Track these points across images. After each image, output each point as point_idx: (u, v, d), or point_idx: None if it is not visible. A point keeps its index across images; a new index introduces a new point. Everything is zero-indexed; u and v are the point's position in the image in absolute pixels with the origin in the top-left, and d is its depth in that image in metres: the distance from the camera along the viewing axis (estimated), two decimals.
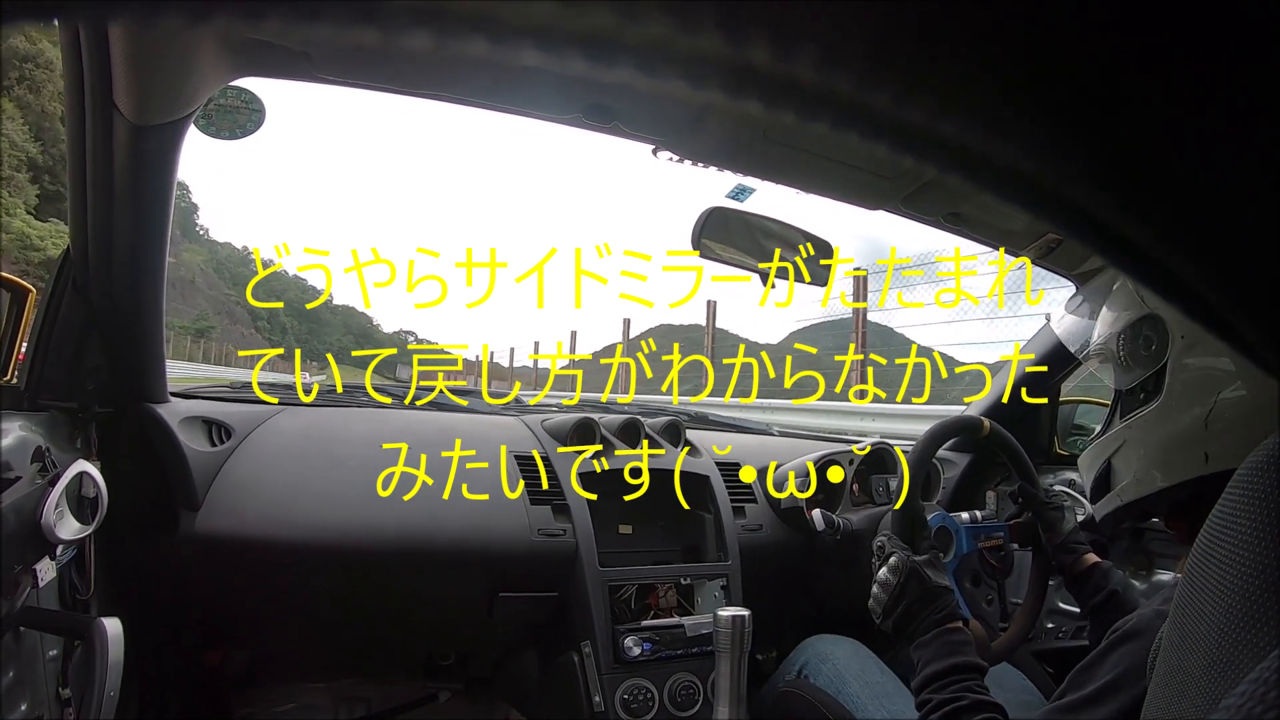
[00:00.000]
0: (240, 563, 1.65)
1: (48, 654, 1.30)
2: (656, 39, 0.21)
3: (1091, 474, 1.29)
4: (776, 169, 1.49)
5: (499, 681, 2.24)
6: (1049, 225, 0.28)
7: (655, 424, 2.13)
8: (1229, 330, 0.29)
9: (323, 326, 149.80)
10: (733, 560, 1.97)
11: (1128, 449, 1.19)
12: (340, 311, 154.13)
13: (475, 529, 1.76)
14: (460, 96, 1.28)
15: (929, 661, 1.28)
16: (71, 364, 1.43)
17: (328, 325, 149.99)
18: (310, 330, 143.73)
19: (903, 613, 1.38)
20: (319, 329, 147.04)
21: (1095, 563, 1.62)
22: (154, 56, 1.04)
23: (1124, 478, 1.20)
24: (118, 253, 1.34)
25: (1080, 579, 1.63)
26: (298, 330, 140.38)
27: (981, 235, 1.79)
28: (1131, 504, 1.19)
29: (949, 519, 1.67)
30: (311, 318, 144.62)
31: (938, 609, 1.35)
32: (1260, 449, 0.50)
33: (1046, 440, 2.34)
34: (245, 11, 0.22)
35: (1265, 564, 0.46)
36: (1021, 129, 0.23)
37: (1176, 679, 0.53)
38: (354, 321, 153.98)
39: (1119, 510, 1.22)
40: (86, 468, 1.33)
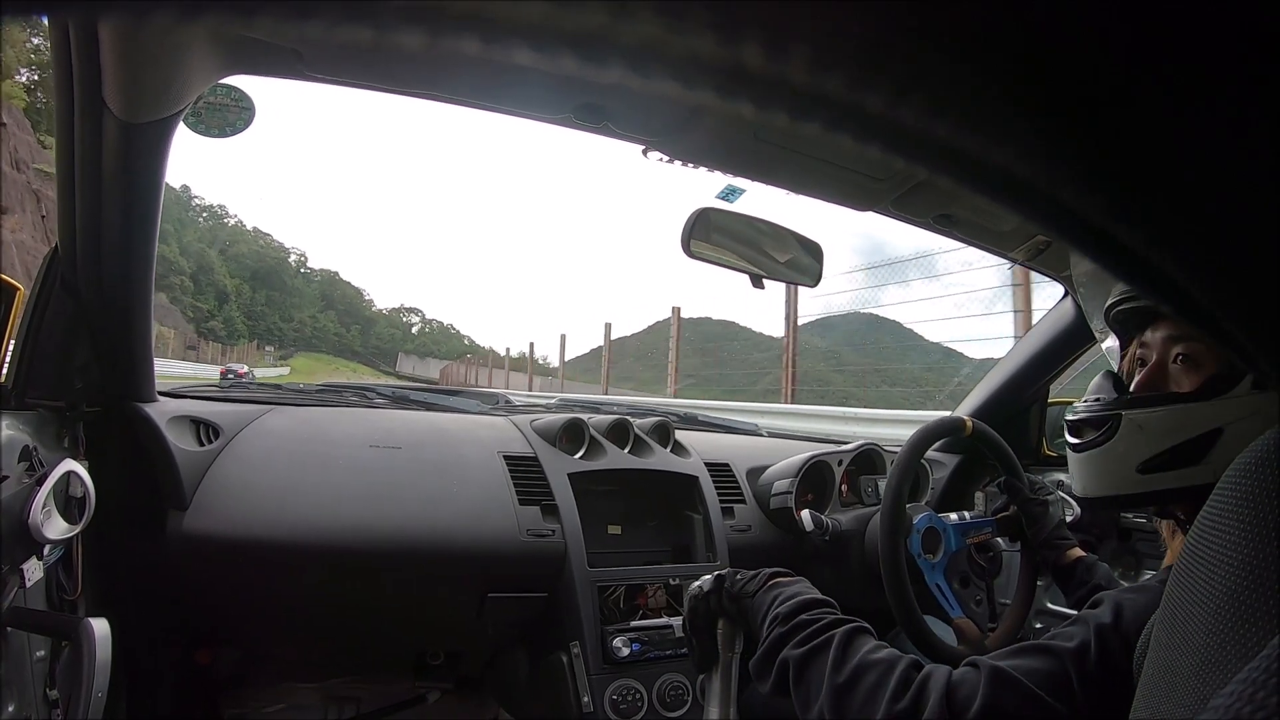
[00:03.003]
0: (229, 562, 1.64)
1: (35, 654, 1.30)
2: (648, 39, 0.21)
3: None
4: (767, 170, 1.49)
5: (488, 681, 2.24)
6: (1040, 228, 0.28)
7: (644, 424, 2.13)
8: (1219, 332, 0.29)
9: (289, 296, 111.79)
10: (722, 561, 1.97)
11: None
12: (318, 280, 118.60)
13: (464, 529, 1.76)
14: (451, 96, 1.28)
15: (768, 606, 1.21)
16: (59, 362, 1.42)
17: (296, 295, 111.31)
18: (269, 301, 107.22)
19: (718, 606, 1.33)
20: (284, 299, 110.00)
21: (1080, 556, 1.63)
22: (144, 54, 1.04)
23: None
24: (106, 251, 1.34)
25: (1065, 572, 1.64)
26: (247, 299, 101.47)
27: (971, 237, 1.79)
28: (1128, 497, 1.20)
29: (936, 519, 1.67)
30: (272, 281, 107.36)
31: (763, 578, 1.30)
32: (1251, 448, 0.50)
33: (1035, 442, 2.35)
34: (237, 9, 0.22)
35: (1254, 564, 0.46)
36: (1014, 131, 0.23)
37: (1165, 679, 0.53)
38: (337, 292, 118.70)
39: (1113, 500, 1.22)
40: (74, 467, 1.33)
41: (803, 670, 1.08)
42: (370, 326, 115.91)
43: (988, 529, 1.72)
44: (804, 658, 1.08)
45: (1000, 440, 1.79)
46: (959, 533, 1.67)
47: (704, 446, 2.22)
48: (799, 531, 1.96)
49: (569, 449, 1.99)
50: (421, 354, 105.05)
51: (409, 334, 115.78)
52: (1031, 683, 0.94)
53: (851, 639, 1.08)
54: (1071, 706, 0.93)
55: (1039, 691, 0.94)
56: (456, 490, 1.80)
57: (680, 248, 1.61)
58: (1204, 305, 0.28)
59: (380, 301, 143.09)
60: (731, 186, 1.58)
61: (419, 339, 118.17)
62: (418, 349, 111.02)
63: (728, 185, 1.57)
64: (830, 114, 0.24)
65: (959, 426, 1.77)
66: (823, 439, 2.68)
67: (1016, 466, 1.77)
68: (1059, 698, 0.94)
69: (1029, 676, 0.95)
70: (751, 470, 2.23)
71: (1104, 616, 1.00)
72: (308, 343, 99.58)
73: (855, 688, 1.01)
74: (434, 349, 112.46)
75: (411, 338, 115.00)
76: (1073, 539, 1.68)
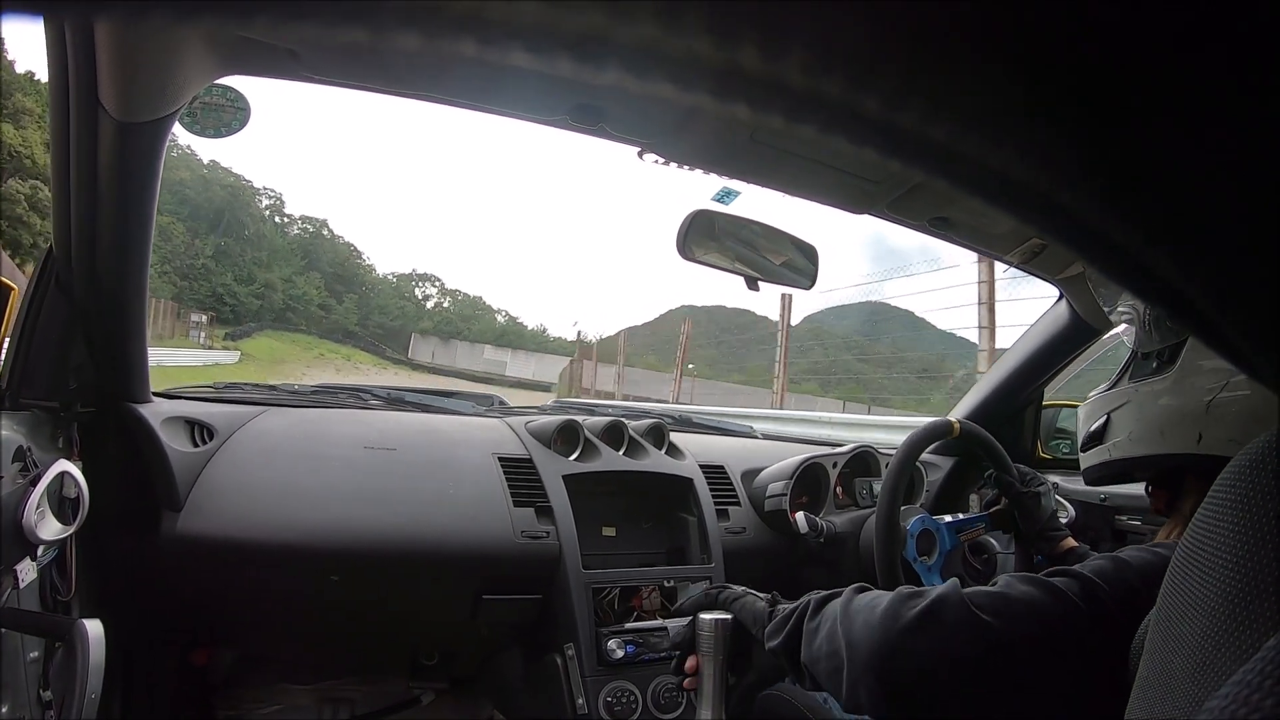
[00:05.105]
0: (223, 564, 1.64)
1: (28, 656, 1.29)
2: (645, 40, 0.21)
3: (1089, 424, 1.34)
4: (763, 172, 1.49)
5: (483, 682, 2.24)
6: (1037, 230, 0.28)
7: (639, 426, 2.13)
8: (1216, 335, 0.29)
9: (251, 246, 72.54)
10: (716, 563, 1.97)
11: (1129, 409, 1.24)
12: (298, 230, 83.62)
13: (458, 531, 1.76)
14: (447, 97, 1.28)
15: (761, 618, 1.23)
16: (54, 363, 1.42)
17: (262, 247, 73.06)
18: (219, 252, 67.10)
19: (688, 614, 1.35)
20: (242, 251, 70.37)
21: (1073, 547, 1.65)
22: (139, 54, 1.04)
23: (1118, 435, 1.25)
24: (101, 251, 1.34)
25: (1059, 563, 1.65)
26: (180, 245, 60.86)
27: (967, 239, 1.80)
28: (1118, 461, 1.25)
29: (930, 520, 1.68)
30: (225, 223, 68.92)
31: (731, 594, 1.31)
32: (1245, 451, 0.50)
33: (1029, 444, 2.35)
34: (233, 10, 0.22)
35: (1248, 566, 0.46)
36: (1011, 133, 0.23)
37: (1160, 680, 0.53)
38: (323, 250, 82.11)
39: (1105, 465, 1.28)
40: (68, 467, 1.33)
41: (816, 631, 1.08)
42: (370, 297, 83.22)
43: (981, 524, 1.73)
44: (817, 623, 1.09)
45: (988, 436, 1.80)
46: (952, 531, 1.69)
47: (699, 449, 2.22)
48: (794, 533, 1.97)
49: (564, 451, 1.99)
50: (444, 335, 79.05)
51: (422, 309, 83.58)
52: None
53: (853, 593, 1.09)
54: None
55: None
56: (451, 492, 1.80)
57: (676, 250, 1.61)
58: (1200, 307, 0.28)
59: (383, 266, 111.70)
60: (727, 189, 1.58)
61: (437, 315, 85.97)
62: (438, 329, 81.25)
63: (723, 187, 1.58)
64: (826, 116, 0.24)
65: (946, 429, 1.79)
66: (817, 440, 2.69)
67: (1006, 460, 1.78)
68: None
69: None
70: (746, 472, 2.23)
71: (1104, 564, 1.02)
72: (278, 315, 67.01)
73: (869, 605, 1.03)
74: (461, 328, 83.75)
75: (427, 314, 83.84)
76: (1065, 530, 1.69)
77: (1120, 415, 1.26)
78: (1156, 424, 1.18)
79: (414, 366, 64.74)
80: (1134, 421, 1.23)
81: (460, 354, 71.65)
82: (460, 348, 74.38)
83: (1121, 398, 1.26)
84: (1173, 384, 1.16)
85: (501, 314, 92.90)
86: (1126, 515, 2.01)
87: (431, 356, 70.97)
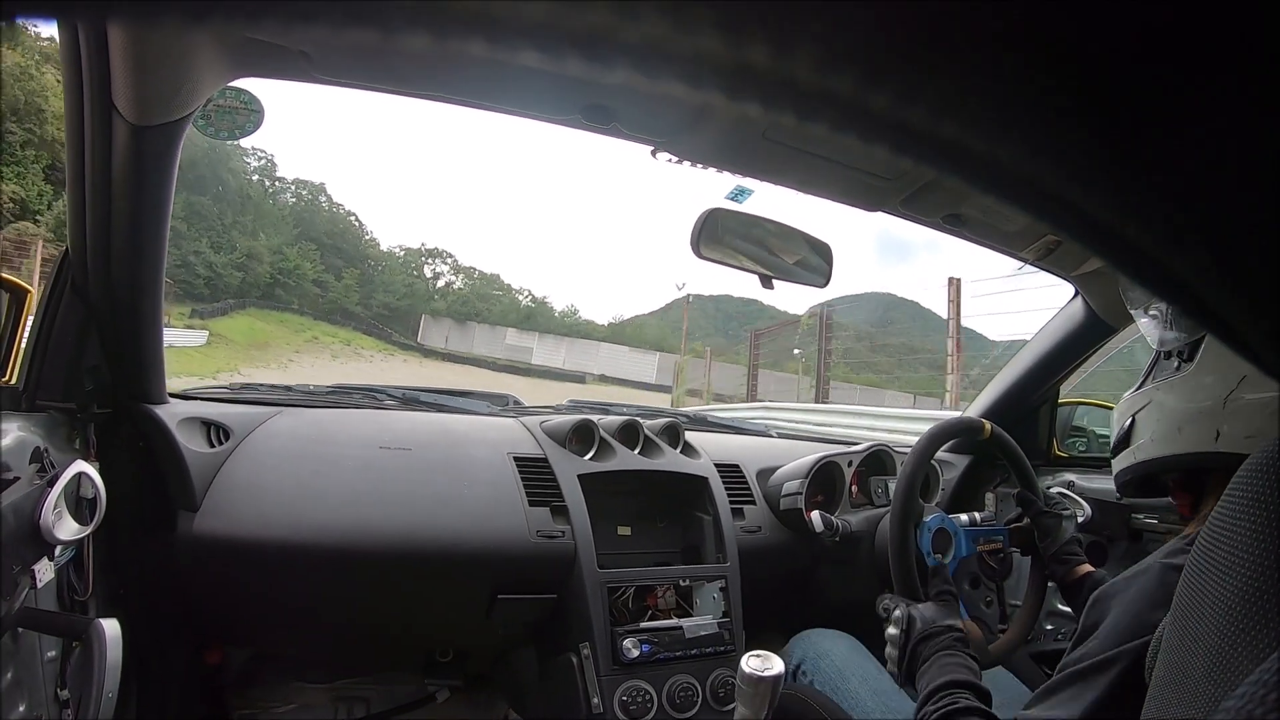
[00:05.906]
0: (239, 564, 1.65)
1: (46, 655, 1.30)
2: (654, 39, 0.21)
3: (1118, 427, 1.34)
4: (775, 170, 1.49)
5: (498, 679, 2.24)
6: (1049, 227, 0.28)
7: (654, 426, 2.13)
8: (1228, 331, 0.29)
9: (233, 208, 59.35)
10: (731, 562, 1.97)
11: (1151, 410, 1.25)
12: (292, 194, 69.26)
13: (473, 531, 1.76)
14: (459, 97, 1.28)
15: (928, 683, 1.29)
16: (70, 364, 1.43)
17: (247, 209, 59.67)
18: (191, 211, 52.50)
19: (909, 657, 1.39)
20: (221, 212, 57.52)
21: (1088, 572, 1.64)
22: (153, 57, 1.04)
23: (1142, 437, 1.26)
24: (116, 253, 1.35)
25: (1073, 589, 1.65)
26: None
27: (981, 237, 1.79)
28: (1143, 463, 1.25)
29: (948, 520, 1.67)
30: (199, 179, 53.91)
31: (938, 645, 1.36)
32: (1260, 451, 0.50)
33: (1045, 442, 2.34)
34: (244, 12, 0.22)
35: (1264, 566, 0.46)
36: (1023, 130, 0.23)
37: (1177, 680, 0.53)
38: (320, 218, 68.81)
39: (1132, 468, 1.28)
40: (85, 468, 1.33)
41: None
42: (373, 273, 70.86)
43: (999, 538, 1.72)
44: None
45: (1017, 448, 1.79)
46: (970, 539, 1.67)
47: (714, 447, 2.22)
48: (809, 532, 1.96)
49: (579, 450, 1.99)
50: (459, 317, 67.92)
51: (433, 288, 72.72)
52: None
53: None
54: None
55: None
56: (466, 491, 1.81)
57: (690, 248, 1.61)
58: (1214, 304, 0.28)
59: (387, 241, 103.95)
60: (740, 187, 1.58)
61: (450, 295, 73.25)
62: (452, 310, 69.57)
63: (736, 186, 1.57)
64: (838, 114, 0.23)
65: (977, 429, 1.77)
66: (833, 439, 2.69)
67: (1032, 478, 1.77)
68: None
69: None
70: (761, 471, 2.23)
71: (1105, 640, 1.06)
72: (265, 291, 56.85)
73: None
74: (480, 309, 71.66)
75: (438, 292, 72.67)
76: (1082, 555, 1.69)
77: (1143, 416, 1.26)
78: (1175, 423, 1.17)
79: (425, 353, 57.07)
80: (1155, 422, 1.22)
81: (479, 338, 63.93)
82: (478, 331, 65.87)
83: (1144, 399, 1.26)
84: (1190, 381, 1.16)
85: (524, 294, 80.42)
86: (1143, 514, 2.00)
87: (445, 341, 62.61)
